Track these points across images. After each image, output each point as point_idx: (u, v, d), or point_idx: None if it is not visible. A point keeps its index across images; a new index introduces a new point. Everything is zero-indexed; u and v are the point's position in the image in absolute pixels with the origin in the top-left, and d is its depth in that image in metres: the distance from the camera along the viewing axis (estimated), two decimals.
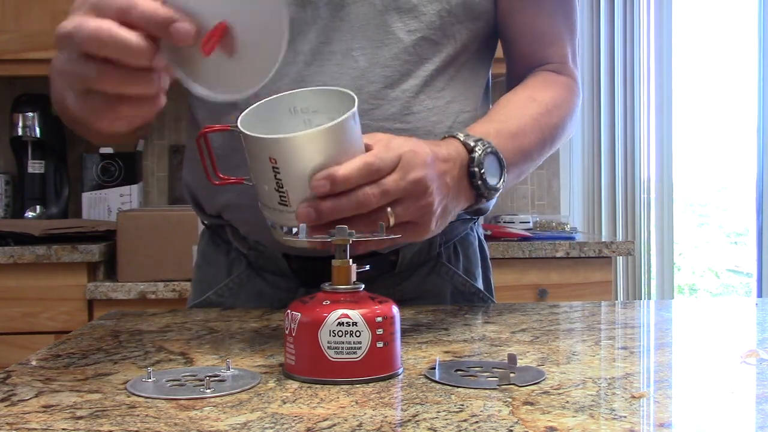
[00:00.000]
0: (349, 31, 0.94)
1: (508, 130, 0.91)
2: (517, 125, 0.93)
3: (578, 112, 1.06)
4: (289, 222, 0.74)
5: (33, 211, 2.51)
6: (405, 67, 0.95)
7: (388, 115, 0.95)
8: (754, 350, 0.74)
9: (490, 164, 0.85)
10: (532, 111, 0.96)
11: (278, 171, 0.72)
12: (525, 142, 0.93)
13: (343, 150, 0.72)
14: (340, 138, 0.72)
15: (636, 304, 1.38)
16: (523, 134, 0.93)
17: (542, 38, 1.05)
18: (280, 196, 0.73)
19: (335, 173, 0.71)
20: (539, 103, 0.98)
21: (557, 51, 1.05)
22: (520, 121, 0.94)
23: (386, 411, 0.56)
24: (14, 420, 0.55)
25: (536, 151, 0.96)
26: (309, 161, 0.71)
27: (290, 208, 0.73)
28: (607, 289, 2.25)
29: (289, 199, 0.73)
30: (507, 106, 0.98)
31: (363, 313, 0.64)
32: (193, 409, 0.57)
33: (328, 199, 0.71)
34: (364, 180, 0.72)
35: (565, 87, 1.03)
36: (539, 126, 0.96)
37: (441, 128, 0.98)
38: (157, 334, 0.86)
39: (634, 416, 0.55)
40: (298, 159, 0.71)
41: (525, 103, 0.98)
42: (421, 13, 0.95)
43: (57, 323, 2.05)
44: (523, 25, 1.04)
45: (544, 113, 0.97)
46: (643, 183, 2.91)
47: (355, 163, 0.72)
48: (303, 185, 0.72)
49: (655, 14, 2.90)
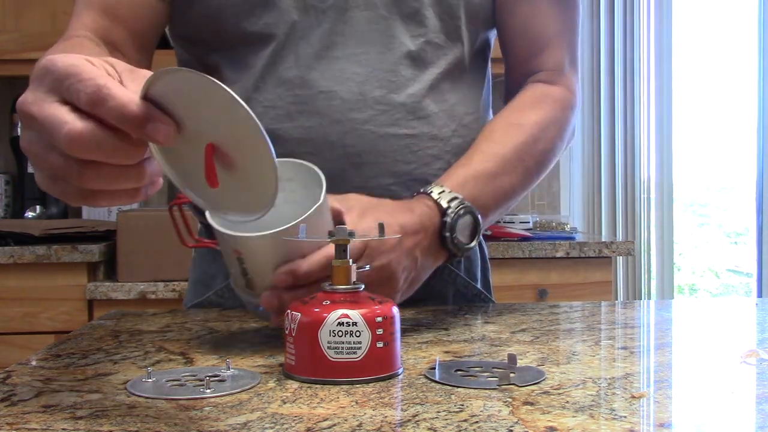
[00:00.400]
0: (353, 37, 0.94)
1: (488, 173, 0.91)
2: (497, 165, 0.92)
3: (574, 122, 1.03)
4: (257, 302, 0.77)
5: (33, 211, 2.50)
6: (410, 72, 0.95)
7: (393, 121, 0.95)
8: (754, 350, 0.74)
9: (464, 226, 0.86)
10: (516, 141, 0.94)
11: (243, 261, 0.75)
12: (506, 181, 0.93)
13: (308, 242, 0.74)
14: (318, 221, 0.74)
15: (636, 304, 1.38)
16: (504, 173, 0.92)
17: (537, 40, 1.02)
18: (246, 282, 0.76)
19: (297, 269, 0.73)
20: (524, 130, 0.96)
21: (552, 56, 1.02)
22: (502, 158, 0.93)
23: (386, 411, 0.56)
24: (14, 420, 0.55)
25: (519, 186, 0.95)
26: (273, 256, 0.74)
27: (255, 293, 0.76)
28: (607, 289, 2.25)
29: (254, 285, 0.76)
30: (490, 138, 0.96)
31: (363, 313, 0.64)
32: (193, 409, 0.57)
33: (292, 290, 0.73)
34: (327, 272, 0.72)
35: (557, 103, 1.00)
36: (522, 159, 0.94)
37: (446, 132, 0.98)
38: (157, 334, 0.86)
39: (634, 416, 0.55)
40: (262, 254, 0.74)
41: (509, 132, 0.96)
42: (425, 18, 0.95)
43: (57, 323, 2.05)
44: (518, 26, 1.02)
45: (530, 142, 0.95)
46: (643, 183, 2.91)
47: (318, 258, 0.73)
48: (267, 275, 0.74)
49: (655, 14, 2.90)
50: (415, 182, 0.96)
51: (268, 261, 0.74)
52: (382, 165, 0.95)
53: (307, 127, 0.94)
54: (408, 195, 0.93)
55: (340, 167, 0.94)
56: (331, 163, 0.94)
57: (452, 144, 0.98)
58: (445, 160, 0.97)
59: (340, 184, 0.95)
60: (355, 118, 0.93)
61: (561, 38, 1.02)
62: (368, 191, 0.95)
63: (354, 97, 0.93)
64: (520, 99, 1.01)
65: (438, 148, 0.97)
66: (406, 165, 0.96)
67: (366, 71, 0.94)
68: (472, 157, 0.93)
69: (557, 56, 1.02)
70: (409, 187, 0.95)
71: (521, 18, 1.01)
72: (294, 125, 0.94)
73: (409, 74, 0.95)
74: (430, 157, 0.97)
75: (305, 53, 0.93)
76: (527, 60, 1.03)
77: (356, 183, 0.95)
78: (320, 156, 0.94)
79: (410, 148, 0.96)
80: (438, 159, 0.97)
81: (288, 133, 0.94)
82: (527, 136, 0.95)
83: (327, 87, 0.93)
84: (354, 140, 0.94)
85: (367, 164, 0.95)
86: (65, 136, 0.52)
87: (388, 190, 0.96)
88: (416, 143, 0.96)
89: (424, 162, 0.97)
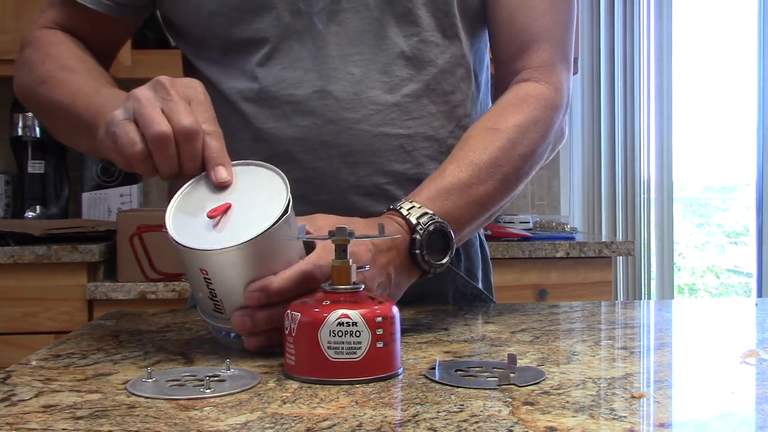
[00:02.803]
0: (346, 37, 0.93)
1: (461, 184, 0.88)
2: (471, 174, 0.89)
3: (561, 122, 0.99)
4: (227, 327, 0.74)
5: (33, 211, 2.50)
6: (405, 72, 0.95)
7: (387, 120, 0.94)
8: (754, 350, 0.74)
9: (435, 242, 0.84)
10: (492, 147, 0.90)
11: (210, 281, 0.71)
12: (481, 190, 0.89)
13: (276, 256, 0.71)
14: (272, 245, 0.71)
15: (636, 304, 1.38)
16: (479, 182, 0.89)
17: (523, 35, 0.98)
18: (215, 305, 0.73)
19: (269, 286, 0.70)
20: (502, 135, 0.91)
21: (539, 54, 0.98)
22: (477, 166, 0.89)
23: (386, 411, 0.56)
24: (14, 420, 0.55)
25: (497, 194, 0.91)
26: (242, 271, 0.70)
27: (225, 316, 0.73)
28: (607, 289, 2.25)
29: (223, 307, 0.73)
30: (465, 146, 0.92)
31: (363, 313, 0.64)
32: (193, 409, 0.57)
33: (264, 309, 0.71)
34: (301, 290, 0.71)
35: (539, 103, 0.95)
36: (500, 165, 0.90)
37: (443, 133, 0.97)
38: (157, 334, 0.86)
39: (634, 416, 0.55)
40: (229, 270, 0.70)
41: (486, 138, 0.92)
42: (417, 17, 0.94)
43: (57, 323, 2.05)
44: (504, 18, 0.98)
45: (507, 147, 0.91)
46: (643, 183, 2.91)
47: (291, 274, 0.71)
48: (237, 295, 0.71)
49: (655, 14, 2.90)
50: (410, 182, 0.95)
51: (237, 278, 0.70)
52: (376, 164, 0.95)
53: (301, 127, 0.94)
54: (402, 194, 0.93)
55: (335, 166, 0.94)
56: (326, 163, 0.94)
57: (448, 145, 0.97)
58: (440, 161, 0.96)
59: (335, 184, 0.95)
60: (349, 118, 0.93)
61: (549, 34, 0.98)
62: (363, 190, 0.95)
63: (348, 96, 0.93)
64: (500, 101, 0.97)
65: (434, 148, 0.97)
66: (400, 165, 0.96)
67: (360, 71, 0.94)
68: (446, 167, 0.90)
69: (545, 54, 0.98)
70: (404, 187, 0.95)
71: (508, 10, 0.98)
72: (288, 124, 0.94)
73: (405, 74, 0.95)
74: (425, 158, 0.97)
75: (299, 54, 0.94)
76: (514, 57, 0.99)
77: (351, 182, 0.95)
78: (315, 155, 0.94)
79: (404, 148, 0.96)
80: (433, 160, 0.97)
81: (283, 133, 0.94)
82: (504, 141, 0.91)
83: (321, 86, 0.93)
84: (348, 140, 0.94)
85: (361, 163, 0.95)
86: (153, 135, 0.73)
87: (382, 190, 0.96)
88: (411, 143, 0.96)
89: (419, 162, 0.97)
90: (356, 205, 0.95)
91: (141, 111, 0.74)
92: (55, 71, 0.96)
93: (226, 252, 0.69)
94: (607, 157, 2.91)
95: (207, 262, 0.70)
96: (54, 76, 0.96)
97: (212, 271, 0.70)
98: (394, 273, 0.82)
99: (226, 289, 0.71)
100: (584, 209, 2.91)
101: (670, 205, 2.94)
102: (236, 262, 0.70)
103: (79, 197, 2.56)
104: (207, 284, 0.71)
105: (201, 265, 0.70)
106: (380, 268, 0.80)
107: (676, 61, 2.93)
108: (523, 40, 0.98)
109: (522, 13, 0.98)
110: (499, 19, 0.99)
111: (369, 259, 0.78)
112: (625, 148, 2.90)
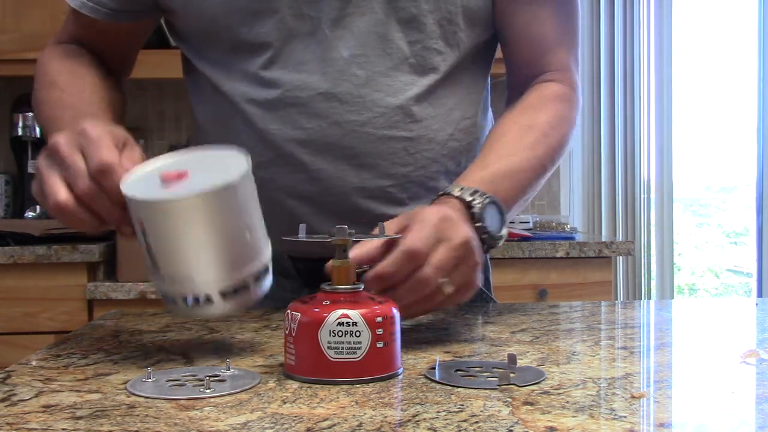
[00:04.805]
0: (351, 40, 0.94)
1: (504, 171, 0.90)
2: (512, 162, 0.92)
3: (578, 121, 1.04)
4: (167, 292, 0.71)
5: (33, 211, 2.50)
6: (408, 77, 0.96)
7: (391, 124, 0.95)
8: (754, 350, 0.74)
9: (491, 216, 0.85)
10: (528, 141, 0.95)
11: (146, 235, 0.70)
12: (522, 177, 0.92)
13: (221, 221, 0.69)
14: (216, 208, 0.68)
15: (636, 304, 1.38)
16: (520, 170, 0.92)
17: (540, 42, 1.02)
18: (152, 261, 0.71)
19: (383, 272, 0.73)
20: (535, 128, 0.96)
21: (557, 57, 1.03)
22: (516, 156, 0.93)
23: (386, 411, 0.56)
24: (14, 420, 0.55)
25: (534, 181, 0.95)
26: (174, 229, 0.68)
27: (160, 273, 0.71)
28: (607, 289, 2.25)
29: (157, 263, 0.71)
30: (501, 139, 0.96)
31: (363, 313, 0.64)
32: (193, 409, 0.57)
33: (386, 293, 0.73)
34: (412, 267, 0.73)
35: (564, 102, 1.01)
36: (536, 156, 0.94)
37: (443, 136, 0.98)
38: (157, 334, 0.86)
39: (634, 416, 0.55)
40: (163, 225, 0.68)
41: (521, 132, 0.96)
42: (422, 23, 0.95)
43: (57, 323, 2.05)
44: (521, 29, 1.02)
45: (541, 140, 0.95)
46: (643, 183, 2.91)
47: (397, 256, 0.73)
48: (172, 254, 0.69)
49: (655, 14, 2.90)
50: (412, 184, 0.97)
51: (170, 234, 0.68)
52: (380, 167, 0.96)
53: (306, 129, 0.94)
54: (405, 196, 0.94)
55: (340, 168, 0.95)
56: (331, 165, 0.95)
57: (449, 147, 0.99)
58: (441, 163, 0.98)
59: (340, 186, 0.96)
60: (354, 120, 0.94)
61: (563, 39, 1.03)
62: (367, 193, 0.96)
63: (353, 99, 0.94)
64: (529, 98, 1.01)
65: (435, 151, 0.98)
66: (403, 167, 0.97)
67: (365, 74, 0.94)
68: (487, 157, 0.93)
69: (562, 57, 1.03)
70: (407, 189, 0.96)
71: (522, 24, 1.01)
72: (293, 127, 0.95)
73: (408, 79, 0.96)
74: (427, 160, 0.98)
75: (303, 57, 0.94)
76: (532, 62, 1.03)
77: (355, 184, 0.95)
78: (320, 157, 0.95)
79: (407, 150, 0.97)
80: (434, 162, 0.98)
81: (288, 135, 0.95)
82: (539, 134, 0.95)
83: (326, 89, 0.94)
84: (353, 142, 0.94)
85: (365, 166, 0.95)
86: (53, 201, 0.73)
87: (386, 192, 0.96)
88: (413, 146, 0.97)
89: (421, 165, 0.97)
90: (361, 207, 0.96)
91: (43, 188, 0.74)
92: (43, 90, 0.99)
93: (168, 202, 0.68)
94: (607, 157, 2.91)
95: (144, 213, 0.69)
96: (42, 95, 0.99)
97: (147, 224, 0.69)
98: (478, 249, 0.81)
99: (161, 245, 0.70)
100: (584, 209, 2.91)
101: (670, 205, 2.94)
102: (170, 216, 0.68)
103: None
104: (144, 238, 0.70)
105: (138, 215, 0.69)
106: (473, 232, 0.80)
107: (676, 62, 2.93)
108: (541, 47, 1.03)
109: (537, 24, 1.02)
110: (513, 31, 1.02)
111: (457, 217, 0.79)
112: (625, 148, 2.90)
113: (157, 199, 0.68)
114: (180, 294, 0.71)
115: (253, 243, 0.72)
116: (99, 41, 1.05)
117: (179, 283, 0.70)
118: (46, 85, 0.99)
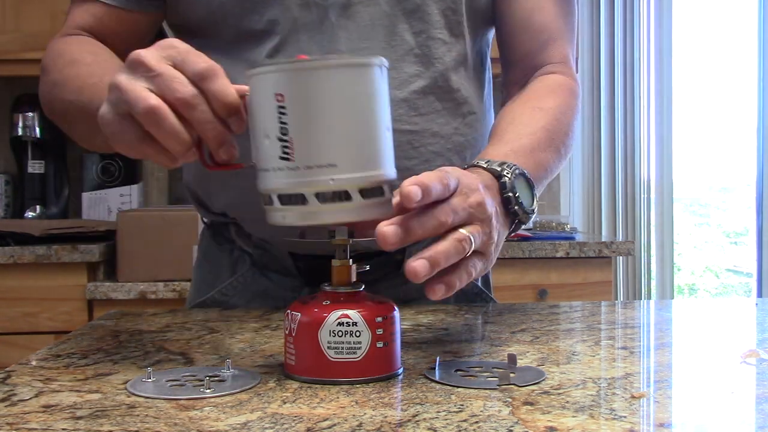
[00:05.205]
0: (356, 32, 0.94)
1: (524, 148, 0.87)
2: (531, 140, 0.89)
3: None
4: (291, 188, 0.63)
5: (33, 211, 2.50)
6: (413, 69, 0.95)
7: (396, 117, 0.94)
8: (754, 350, 0.74)
9: (521, 187, 0.80)
10: (542, 123, 0.92)
11: (284, 111, 0.62)
12: (542, 156, 0.89)
13: (378, 107, 0.63)
14: (380, 87, 0.64)
15: (636, 304, 1.38)
16: (539, 149, 0.89)
17: (543, 32, 1.02)
18: (283, 148, 0.62)
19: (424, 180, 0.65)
20: (546, 112, 0.94)
21: (558, 50, 1.03)
22: (534, 135, 0.90)
23: (386, 411, 0.56)
24: (14, 420, 0.55)
25: (553, 163, 0.92)
26: (326, 103, 0.61)
27: (293, 164, 0.62)
28: (607, 289, 2.25)
29: (293, 150, 0.62)
30: (514, 121, 0.93)
31: (363, 313, 0.64)
32: (193, 409, 0.57)
33: (414, 218, 0.65)
34: (440, 195, 0.67)
35: (569, 91, 1.01)
36: (552, 137, 0.92)
37: (448, 129, 0.98)
38: (157, 334, 0.86)
39: (634, 416, 0.55)
40: (320, 98, 0.61)
41: (533, 114, 0.94)
42: (426, 14, 0.95)
43: (57, 323, 2.05)
44: (523, 16, 1.01)
45: (554, 123, 0.94)
46: (643, 183, 2.91)
47: (433, 173, 0.67)
48: (313, 133, 0.62)
49: (655, 14, 2.90)
50: None
51: (321, 108, 0.61)
52: None
53: None
54: None
55: None
56: None
57: (453, 141, 0.98)
58: (446, 157, 0.97)
59: None
60: None
61: (562, 33, 1.03)
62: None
63: None
64: (532, 89, 1.00)
65: (439, 145, 0.98)
66: (407, 161, 0.96)
67: None
68: (503, 136, 0.90)
69: (562, 50, 1.03)
70: None
71: (524, 12, 1.01)
72: None
73: (413, 71, 0.95)
74: (432, 154, 0.97)
75: (308, 48, 0.94)
76: (533, 53, 1.03)
77: None
78: None
79: (412, 144, 0.96)
80: (439, 156, 0.98)
81: None
82: (552, 117, 0.94)
83: None
84: None
85: None
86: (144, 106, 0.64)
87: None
88: (418, 139, 0.96)
89: (426, 158, 0.97)
90: None
91: (125, 98, 0.66)
92: (64, 69, 0.93)
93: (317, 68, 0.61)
94: (607, 157, 2.91)
95: (284, 82, 0.62)
96: (63, 74, 0.93)
97: (289, 95, 0.62)
98: (500, 212, 0.76)
99: (306, 124, 0.62)
100: (584, 209, 2.91)
101: (670, 205, 2.94)
102: (327, 86, 0.61)
103: (79, 197, 2.56)
104: (280, 116, 0.62)
105: (277, 89, 0.62)
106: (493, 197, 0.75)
107: (676, 62, 2.93)
108: (542, 39, 1.02)
109: (539, 13, 1.02)
110: (517, 20, 1.02)
111: (482, 186, 0.73)
112: (625, 148, 2.90)
113: (323, 63, 0.61)
114: (314, 187, 0.62)
115: (391, 148, 0.66)
116: (116, 32, 1.01)
117: (318, 172, 0.62)
118: (65, 64, 0.94)
